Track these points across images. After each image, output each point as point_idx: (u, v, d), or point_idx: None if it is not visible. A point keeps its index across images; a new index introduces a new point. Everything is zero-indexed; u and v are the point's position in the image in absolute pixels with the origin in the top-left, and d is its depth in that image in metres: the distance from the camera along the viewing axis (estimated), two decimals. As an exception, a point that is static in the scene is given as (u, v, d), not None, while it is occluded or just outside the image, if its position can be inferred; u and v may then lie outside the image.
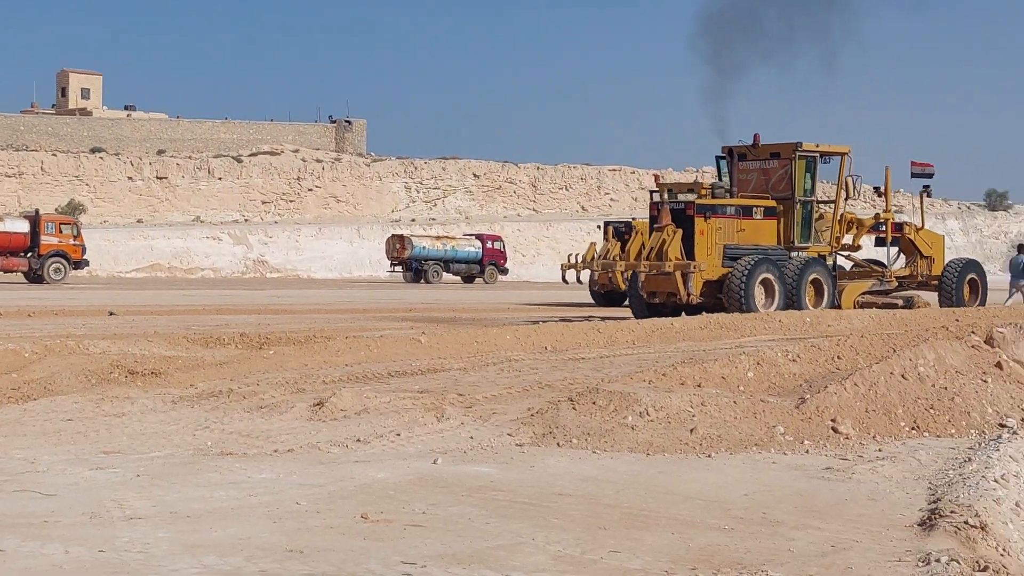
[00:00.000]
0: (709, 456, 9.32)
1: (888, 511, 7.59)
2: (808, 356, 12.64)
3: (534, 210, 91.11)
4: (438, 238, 67.45)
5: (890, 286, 28.00)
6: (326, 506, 7.37)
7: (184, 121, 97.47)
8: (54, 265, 50.53)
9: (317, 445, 9.56)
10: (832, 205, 27.07)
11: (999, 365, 11.99)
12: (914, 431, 10.46)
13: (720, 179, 27.47)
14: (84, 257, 53.17)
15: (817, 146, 26.18)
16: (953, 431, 10.49)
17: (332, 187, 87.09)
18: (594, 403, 10.36)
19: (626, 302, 32.10)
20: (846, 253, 28.05)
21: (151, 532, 6.68)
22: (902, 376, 11.20)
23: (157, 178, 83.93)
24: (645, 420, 10.04)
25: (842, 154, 26.52)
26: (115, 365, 14.30)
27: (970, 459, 9.09)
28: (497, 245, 68.16)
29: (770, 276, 24.52)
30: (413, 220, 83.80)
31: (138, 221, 79.74)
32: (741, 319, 20.20)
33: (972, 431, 10.50)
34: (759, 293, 24.37)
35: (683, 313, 22.49)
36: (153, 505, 7.38)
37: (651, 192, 34.14)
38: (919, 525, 7.18)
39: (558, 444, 9.59)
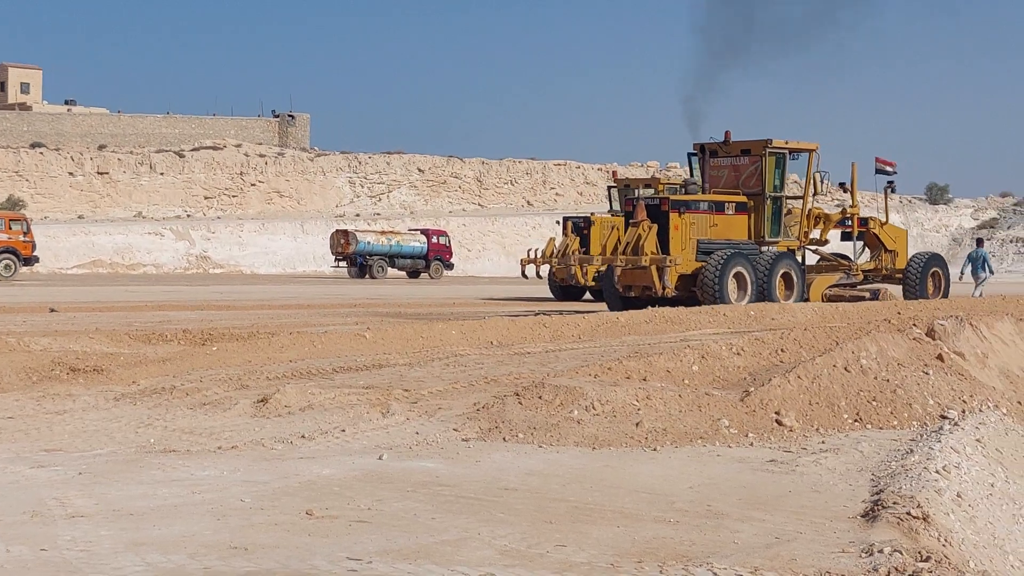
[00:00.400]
0: (654, 449, 9.35)
1: (831, 503, 7.65)
2: (752, 349, 12.71)
3: (479, 205, 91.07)
4: (383, 233, 67.11)
5: (857, 279, 28.71)
6: (271, 503, 7.32)
7: (125, 116, 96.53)
8: (4, 262, 49.92)
9: (261, 442, 9.50)
10: (800, 201, 27.80)
11: (940, 357, 12.12)
12: (857, 423, 10.55)
13: (692, 175, 28.09)
14: (34, 254, 52.62)
15: (786, 143, 26.88)
16: (895, 423, 10.60)
17: (275, 182, 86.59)
18: (540, 397, 10.36)
19: (586, 296, 32.84)
20: (814, 247, 28.71)
21: (93, 530, 6.61)
22: (845, 369, 11.30)
23: (98, 173, 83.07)
24: (591, 414, 10.06)
25: (810, 151, 27.27)
26: (56, 362, 14.13)
27: (912, 451, 9.18)
28: (443, 240, 68.00)
29: (742, 270, 25.13)
30: (357, 215, 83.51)
31: (79, 217, 78.90)
32: (686, 313, 20.28)
33: (914, 423, 10.60)
34: (732, 286, 24.98)
35: (657, 306, 22.72)
36: (95, 503, 7.30)
37: (608, 187, 35.43)
38: (862, 516, 7.25)
39: (504, 439, 9.59)
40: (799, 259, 27.27)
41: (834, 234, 29.82)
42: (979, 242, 36.61)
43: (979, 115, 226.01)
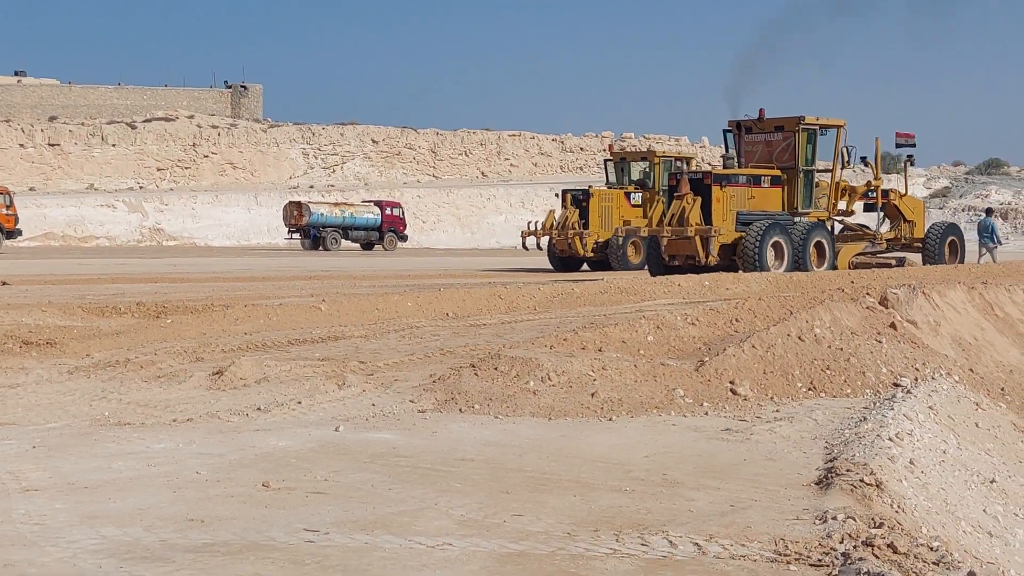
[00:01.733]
0: (610, 419, 9.38)
1: (786, 470, 7.71)
2: (707, 319, 12.77)
3: (434, 176, 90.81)
4: (336, 205, 66.63)
5: (881, 248, 30.53)
6: (227, 475, 7.30)
7: (76, 87, 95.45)
8: None
9: (217, 414, 9.46)
10: (828, 174, 29.39)
11: (893, 326, 12.22)
12: (811, 392, 10.63)
13: (727, 150, 29.68)
14: (17, 227, 52.14)
15: (817, 120, 28.43)
16: (849, 391, 10.68)
17: (228, 153, 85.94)
18: (496, 369, 10.37)
19: (584, 267, 33.80)
20: (840, 218, 30.31)
21: (48, 504, 6.57)
22: (799, 338, 11.38)
23: (49, 145, 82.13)
24: (547, 385, 10.09)
25: (838, 127, 28.75)
26: (8, 335, 14.00)
27: (865, 418, 9.26)
28: (396, 212, 67.63)
29: (780, 239, 27.03)
30: (311, 186, 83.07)
31: (30, 189, 78.01)
32: (640, 284, 20.36)
33: (867, 391, 10.69)
34: (770, 255, 26.79)
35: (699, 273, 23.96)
36: (50, 476, 7.25)
37: (605, 161, 37.06)
38: (816, 484, 7.31)
39: (460, 410, 9.60)
40: (829, 229, 28.91)
41: (857, 205, 31.36)
42: (988, 212, 38.08)
43: (930, 85, 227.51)
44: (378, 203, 68.47)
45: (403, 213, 68.52)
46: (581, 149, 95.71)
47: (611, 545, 5.88)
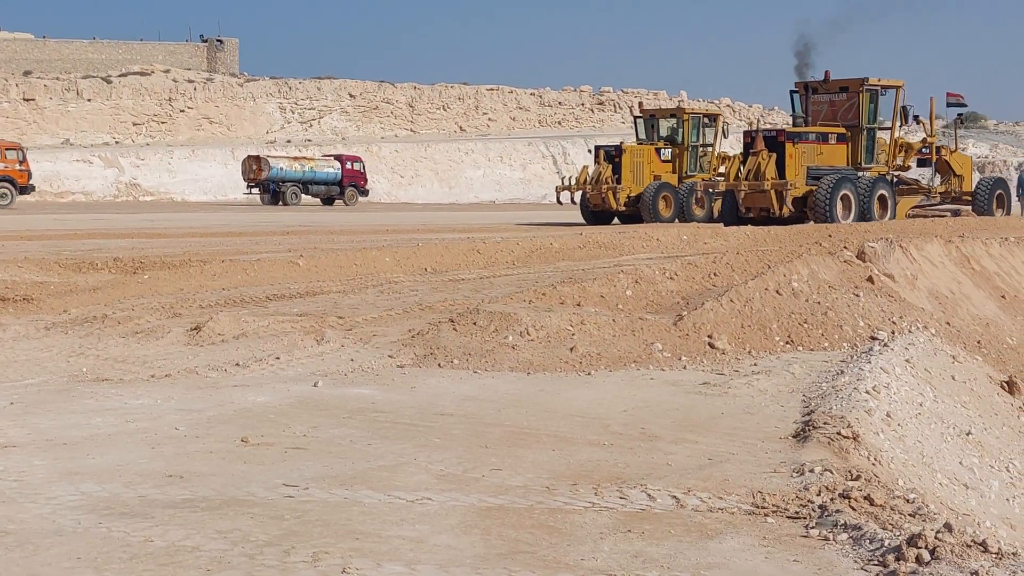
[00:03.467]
0: (589, 374, 9.40)
1: (763, 424, 7.74)
2: (685, 273, 12.79)
3: (412, 131, 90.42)
4: (296, 159, 65.35)
5: (935, 201, 32.66)
6: (205, 431, 7.29)
7: (51, 41, 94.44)
8: (1, 191, 48.99)
9: (195, 370, 9.44)
10: (888, 131, 31.08)
11: (870, 279, 12.27)
12: (788, 345, 10.66)
13: (794, 111, 31.75)
14: (31, 183, 51.67)
15: (879, 80, 30.39)
16: (826, 344, 10.72)
17: (205, 108, 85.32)
18: (475, 323, 10.37)
19: (615, 220, 35.06)
20: (897, 172, 31.94)
21: (27, 460, 6.56)
22: (776, 292, 11.40)
23: (24, 100, 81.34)
24: (525, 340, 10.09)
25: (897, 87, 30.65)
26: (-17, 292, 13.92)
27: (842, 372, 9.30)
28: (357, 166, 66.36)
29: (848, 192, 28.86)
30: (288, 141, 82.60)
31: (4, 144, 77.28)
32: (619, 238, 20.37)
33: (844, 344, 10.74)
34: (839, 207, 28.62)
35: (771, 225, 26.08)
36: (28, 433, 7.23)
37: (635, 118, 38.21)
38: (793, 437, 7.34)
39: (439, 365, 9.60)
40: (890, 182, 30.69)
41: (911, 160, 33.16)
42: (1022, 166, 38.88)
43: (905, 39, 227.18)
44: (338, 157, 67.15)
45: (364, 167, 67.40)
46: (559, 103, 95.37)
47: (590, 499, 5.90)
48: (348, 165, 65.89)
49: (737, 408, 8.23)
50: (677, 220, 33.86)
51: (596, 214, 35.90)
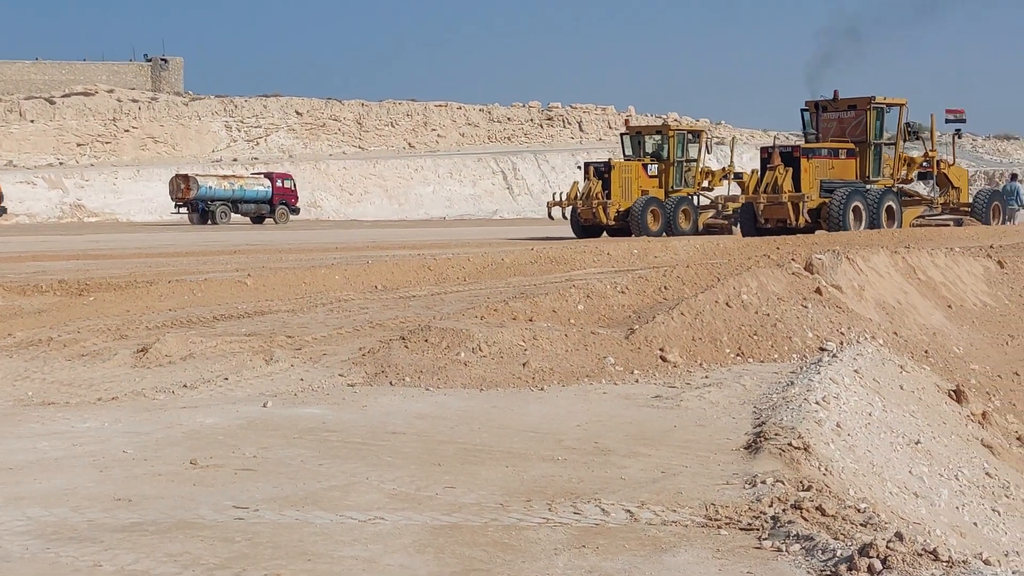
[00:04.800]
0: (542, 389, 9.39)
1: (715, 436, 7.76)
2: (636, 287, 12.81)
3: (360, 148, 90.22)
4: (225, 177, 64.46)
5: (937, 211, 34.38)
6: (153, 453, 7.21)
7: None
8: None
9: (142, 392, 9.35)
10: (892, 146, 33.22)
11: (818, 291, 12.34)
12: (739, 357, 10.70)
13: (804, 128, 33.84)
14: (2, 204, 50.88)
15: (885, 99, 32.58)
16: (776, 356, 10.77)
17: (149, 128, 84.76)
18: (426, 340, 10.34)
19: (603, 234, 36.25)
20: (901, 185, 33.88)
21: (-30, 487, 6.45)
22: (726, 304, 11.45)
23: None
24: (478, 356, 10.07)
25: (901, 105, 32.92)
26: (-74, 316, 13.72)
27: (792, 383, 9.34)
28: (287, 184, 65.63)
29: (859, 203, 30.91)
30: (235, 160, 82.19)
31: (-54, 167, 76.49)
32: (570, 253, 20.40)
33: (794, 355, 10.79)
34: (852, 217, 30.62)
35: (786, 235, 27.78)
36: (-29, 459, 7.12)
37: (621, 135, 39.98)
38: (745, 448, 7.36)
39: (391, 383, 9.56)
40: (897, 194, 32.72)
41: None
42: (1013, 176, 42.19)
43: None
44: (268, 175, 66.41)
45: (295, 185, 66.70)
46: (509, 119, 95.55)
47: (544, 515, 5.88)
48: (279, 183, 65.03)
49: (689, 421, 8.25)
50: (665, 233, 35.04)
51: (586, 228, 36.98)
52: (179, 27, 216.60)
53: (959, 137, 35.71)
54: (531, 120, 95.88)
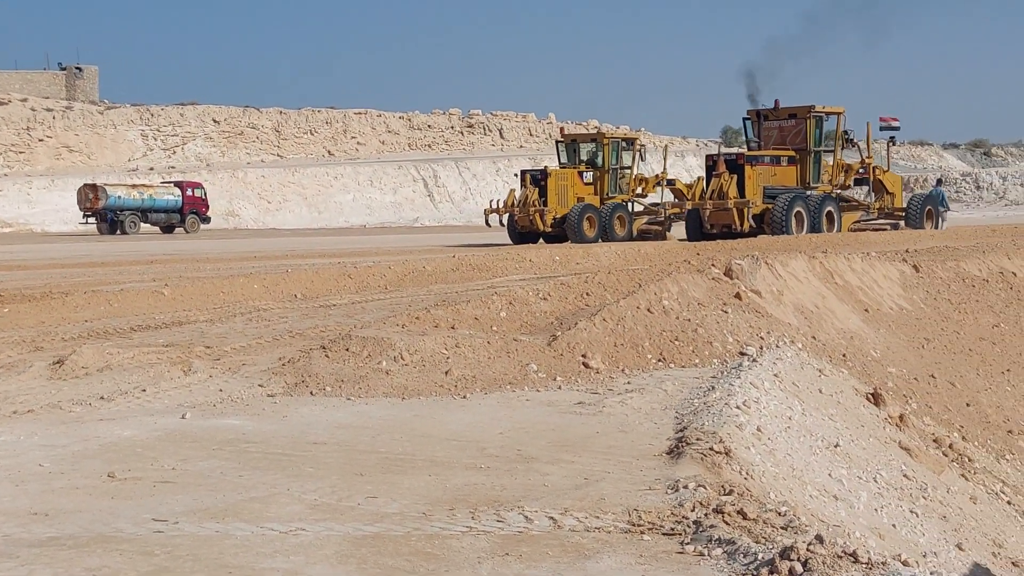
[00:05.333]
0: (464, 397, 9.37)
1: (638, 441, 7.78)
2: (558, 294, 12.84)
3: (278, 156, 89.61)
4: (134, 187, 63.56)
5: (873, 216, 35.72)
6: (70, 466, 7.09)
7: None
8: None
9: (58, 405, 9.19)
10: (831, 154, 34.72)
11: (738, 296, 12.45)
12: (660, 363, 10.76)
13: (746, 136, 35.13)
14: None
15: (824, 108, 33.97)
16: (697, 361, 10.84)
17: (64, 137, 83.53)
18: (347, 350, 10.27)
19: (540, 240, 36.83)
20: (839, 191, 35.37)
21: None
22: (648, 310, 11.51)
23: None
24: (399, 364, 10.02)
25: (839, 113, 34.32)
26: None
27: (713, 387, 9.41)
28: (198, 193, 64.88)
29: (801, 209, 32.18)
30: (151, 168, 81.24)
31: None
32: (492, 260, 20.40)
33: (715, 360, 10.87)
34: (794, 222, 31.76)
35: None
36: None
37: (557, 143, 40.66)
38: (667, 453, 7.39)
39: (311, 393, 9.48)
40: (836, 200, 34.18)
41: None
42: (938, 182, 44.36)
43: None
44: (179, 184, 65.77)
45: (205, 194, 65.95)
46: (429, 127, 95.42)
47: (467, 523, 5.86)
48: (189, 192, 64.22)
49: (612, 426, 8.27)
50: (600, 239, 35.66)
51: (523, 235, 37.52)
52: (94, 35, 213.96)
53: (893, 144, 37.33)
54: (452, 127, 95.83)
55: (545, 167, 39.82)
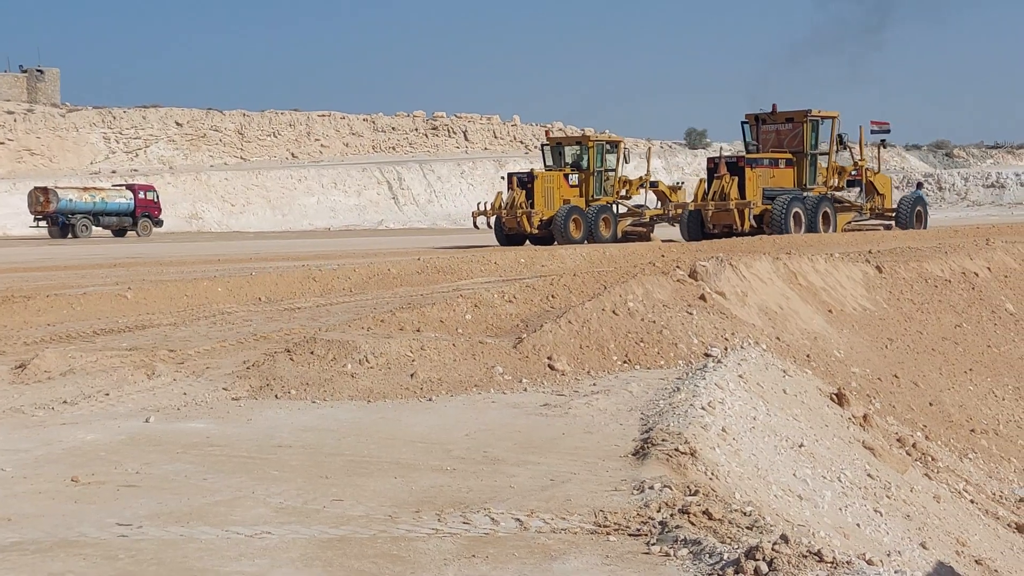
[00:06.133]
0: (430, 399, 9.36)
1: (603, 443, 7.80)
2: (524, 296, 12.85)
3: (242, 158, 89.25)
4: (86, 189, 62.89)
5: (866, 216, 37.03)
6: (33, 471, 7.04)
7: None
8: None
9: (21, 409, 9.11)
10: (826, 156, 35.78)
11: (703, 297, 12.49)
12: (626, 364, 10.78)
13: (744, 139, 35.89)
14: None
15: (819, 112, 34.93)
16: (662, 362, 10.87)
17: (26, 140, 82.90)
18: (312, 353, 10.24)
19: (526, 242, 37.50)
20: (833, 192, 36.04)
21: None
22: (613, 312, 11.53)
23: None
24: (365, 367, 10.00)
25: (833, 117, 35.36)
26: None
27: (679, 388, 9.43)
28: (150, 196, 64.20)
29: (799, 209, 33.22)
30: (114, 171, 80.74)
31: None
32: (457, 262, 20.39)
33: (680, 361, 10.90)
34: (792, 222, 32.77)
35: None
36: None
37: (542, 146, 41.16)
38: (633, 454, 7.41)
39: (276, 396, 9.45)
40: (832, 201, 35.18)
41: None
42: (918, 185, 45.70)
43: (731, 59, 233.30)
44: (131, 187, 65.14)
45: (157, 197, 65.39)
46: (393, 129, 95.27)
47: (433, 525, 5.85)
48: (141, 195, 63.54)
49: (577, 428, 8.28)
50: (586, 241, 36.25)
51: (510, 237, 38.07)
52: (55, 37, 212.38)
53: (884, 147, 38.65)
54: (416, 130, 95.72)
55: (532, 170, 40.51)
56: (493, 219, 38.70)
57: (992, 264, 19.70)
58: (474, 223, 39.54)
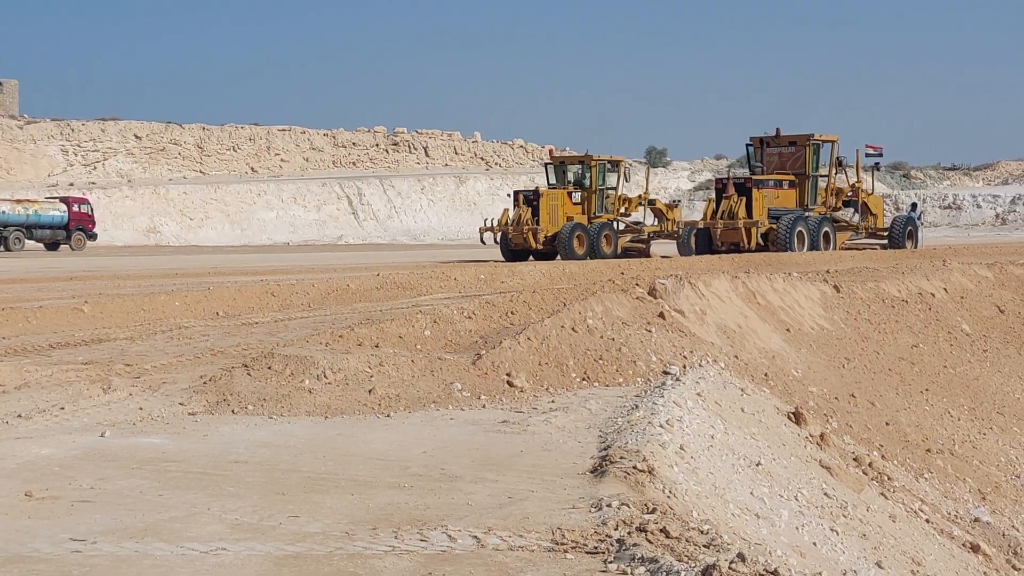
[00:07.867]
0: (388, 416, 9.33)
1: (561, 460, 7.79)
2: (483, 312, 12.84)
3: (201, 172, 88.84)
4: (19, 202, 62.09)
5: (862, 236, 38.86)
6: (-15, 487, 6.95)
7: None
8: None
9: (-27, 423, 9.01)
10: (825, 178, 37.69)
11: (662, 315, 12.52)
12: (585, 382, 10.79)
13: (749, 161, 37.87)
14: None
15: (821, 136, 36.90)
16: (621, 380, 10.88)
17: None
18: (269, 368, 10.19)
19: (530, 257, 38.50)
20: (832, 212, 37.94)
21: None
22: (572, 329, 11.54)
23: None
24: (323, 383, 9.96)
25: (833, 141, 37.40)
26: None
27: (637, 406, 9.45)
28: (84, 208, 63.59)
29: (802, 229, 35.15)
30: (71, 184, 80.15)
31: None
32: (416, 278, 20.36)
33: (638, 379, 10.92)
34: (796, 240, 34.69)
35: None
36: None
37: (546, 165, 42.66)
38: (591, 472, 7.41)
39: (233, 411, 9.39)
40: (832, 221, 37.27)
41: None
42: (913, 206, 47.82)
43: (693, 80, 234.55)
44: (64, 200, 64.71)
45: (92, 210, 64.80)
46: (354, 144, 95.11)
47: (390, 543, 5.83)
48: (75, 208, 62.91)
49: (536, 445, 8.27)
50: (589, 257, 37.61)
51: (515, 252, 39.25)
52: (13, 48, 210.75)
53: (877, 170, 40.41)
54: (376, 145, 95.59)
55: (537, 188, 41.73)
56: (499, 235, 39.90)
57: (949, 285, 19.88)
58: (481, 239, 40.88)
